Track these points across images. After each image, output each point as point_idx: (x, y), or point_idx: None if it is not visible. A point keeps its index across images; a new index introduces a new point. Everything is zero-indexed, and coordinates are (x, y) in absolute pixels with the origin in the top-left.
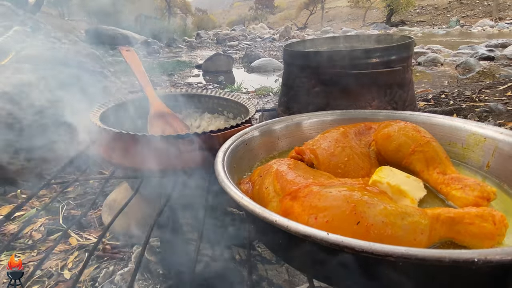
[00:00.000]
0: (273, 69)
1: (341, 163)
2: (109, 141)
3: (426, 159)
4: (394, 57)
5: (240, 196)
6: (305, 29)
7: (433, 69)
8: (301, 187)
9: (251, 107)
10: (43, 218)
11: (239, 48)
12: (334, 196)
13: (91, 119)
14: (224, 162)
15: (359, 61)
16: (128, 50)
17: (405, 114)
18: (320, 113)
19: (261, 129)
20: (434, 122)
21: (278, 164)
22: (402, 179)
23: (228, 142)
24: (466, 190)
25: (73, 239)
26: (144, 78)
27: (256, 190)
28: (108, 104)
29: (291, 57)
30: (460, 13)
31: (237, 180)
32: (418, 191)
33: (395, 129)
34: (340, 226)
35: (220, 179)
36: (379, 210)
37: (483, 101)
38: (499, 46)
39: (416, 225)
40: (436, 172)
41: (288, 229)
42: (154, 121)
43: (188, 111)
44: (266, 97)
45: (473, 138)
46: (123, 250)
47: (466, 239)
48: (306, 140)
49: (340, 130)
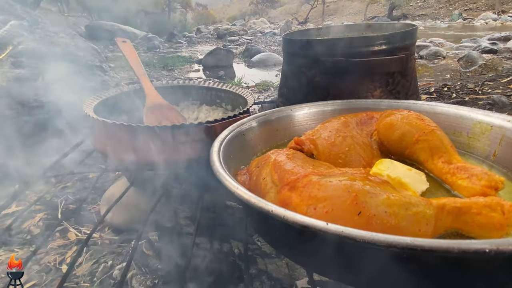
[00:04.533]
0: (274, 63)
1: (341, 153)
2: (102, 132)
3: (430, 148)
4: (397, 44)
5: (235, 186)
6: (306, 24)
7: (435, 62)
8: (299, 177)
9: (250, 98)
10: (42, 213)
11: (240, 43)
12: (334, 186)
13: (84, 109)
14: (220, 152)
15: (361, 49)
16: (124, 41)
17: (408, 103)
18: (320, 103)
19: (259, 119)
20: (438, 111)
21: (276, 155)
22: (403, 172)
23: (225, 132)
24: (473, 179)
25: (72, 234)
26: (140, 70)
27: (253, 181)
28: (103, 95)
29: (291, 46)
30: (462, 6)
31: (234, 171)
32: (420, 184)
33: (398, 118)
34: (341, 216)
35: (215, 169)
36: (381, 200)
37: (486, 93)
38: (502, 39)
39: (421, 215)
40: (441, 161)
41: (285, 219)
42: (150, 112)
43: (185, 103)
44: (267, 91)
45: (479, 127)
46: (122, 245)
47: (473, 229)
48: (306, 131)
49: (341, 119)
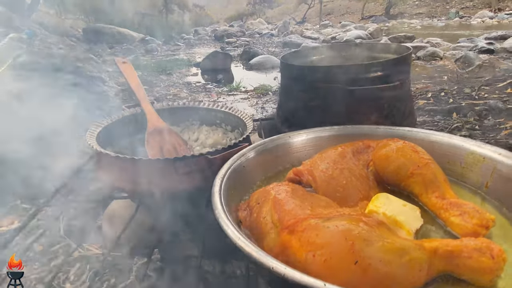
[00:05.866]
0: (272, 66)
1: (339, 186)
2: (105, 164)
3: (424, 182)
4: (392, 71)
5: (237, 237)
6: (304, 23)
7: (433, 63)
8: (298, 221)
9: (249, 122)
10: (44, 229)
11: (238, 44)
12: (332, 232)
13: (87, 140)
14: (221, 191)
15: (356, 76)
16: (124, 62)
17: (403, 130)
18: (317, 129)
19: (258, 149)
20: (433, 139)
21: (276, 191)
22: (398, 209)
23: (225, 167)
24: (465, 217)
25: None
26: (141, 92)
27: (254, 218)
28: (105, 122)
29: (287, 70)
30: (459, 4)
31: (235, 206)
32: (414, 221)
33: (393, 150)
34: (339, 265)
35: (217, 214)
36: (377, 247)
37: (483, 98)
38: (499, 38)
39: (414, 262)
40: (434, 196)
41: (284, 277)
42: (151, 138)
43: (185, 124)
44: (265, 96)
45: (472, 158)
46: (125, 262)
47: (465, 273)
48: (304, 157)
49: (338, 150)
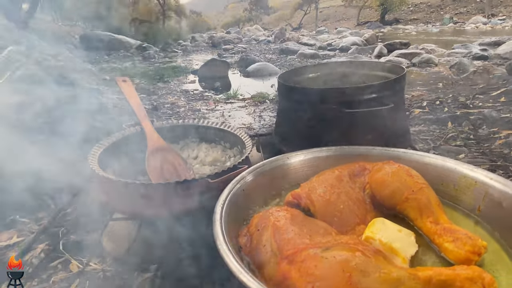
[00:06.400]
0: (269, 73)
1: (337, 211)
2: (106, 187)
3: (419, 207)
4: (387, 93)
5: (239, 271)
6: (300, 29)
7: (428, 70)
8: (297, 251)
9: (247, 141)
10: (43, 244)
11: (235, 51)
12: (330, 263)
13: (89, 163)
14: (222, 219)
15: (352, 98)
16: (124, 81)
17: (398, 152)
18: (314, 150)
19: (256, 171)
20: (427, 161)
21: (275, 217)
22: (394, 235)
23: (226, 192)
24: (458, 243)
25: (74, 265)
26: (141, 112)
27: (254, 245)
28: (106, 142)
29: (285, 91)
30: (453, 10)
31: (236, 232)
32: (409, 248)
33: (388, 174)
34: None
35: (219, 244)
36: (373, 278)
37: (477, 107)
38: (492, 44)
39: None
40: (429, 221)
41: None
42: (152, 157)
43: (185, 141)
44: (263, 104)
45: (464, 181)
46: (124, 277)
47: None
48: (302, 178)
49: (335, 173)
